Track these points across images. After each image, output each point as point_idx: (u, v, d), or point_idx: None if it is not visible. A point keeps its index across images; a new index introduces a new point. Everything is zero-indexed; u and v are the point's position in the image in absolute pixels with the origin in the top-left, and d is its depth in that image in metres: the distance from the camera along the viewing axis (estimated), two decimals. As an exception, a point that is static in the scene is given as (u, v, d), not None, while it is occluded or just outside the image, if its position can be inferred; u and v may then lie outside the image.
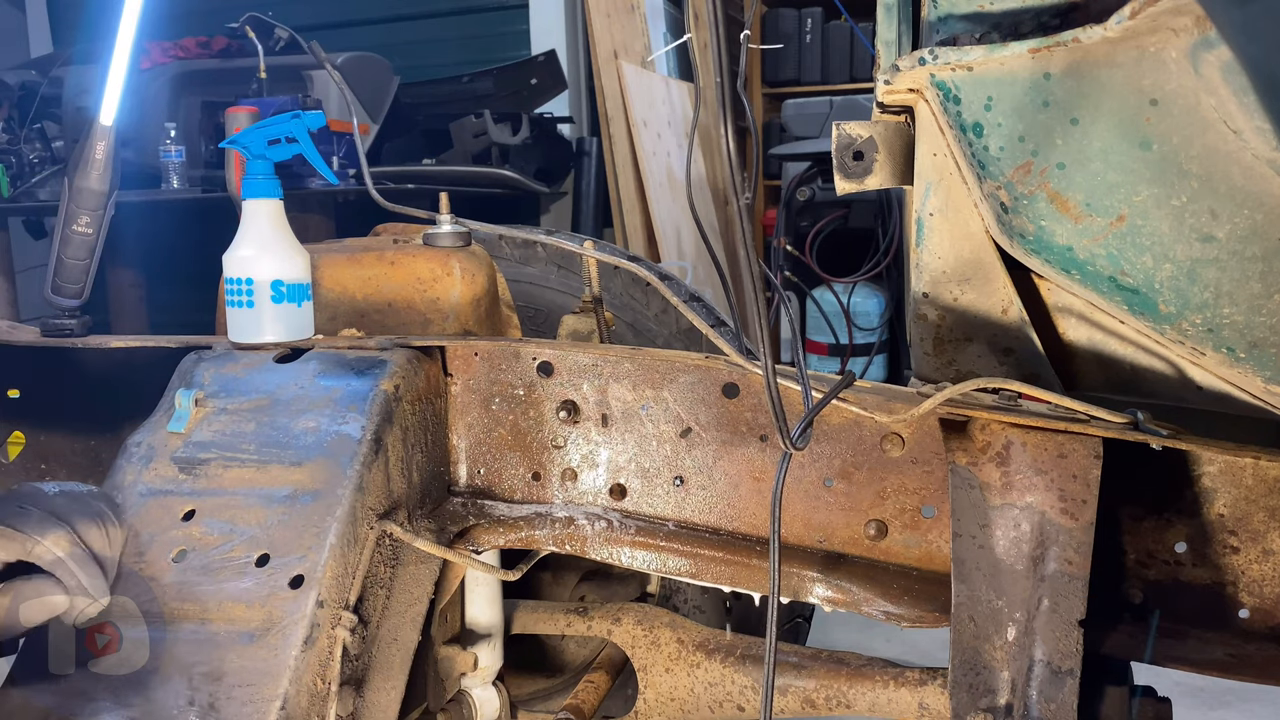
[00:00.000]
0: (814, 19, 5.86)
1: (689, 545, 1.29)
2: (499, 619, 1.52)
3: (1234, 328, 1.06)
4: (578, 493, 1.35)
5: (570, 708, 1.49)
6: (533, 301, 2.06)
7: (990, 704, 1.08)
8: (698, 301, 1.42)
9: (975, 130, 1.09)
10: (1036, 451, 1.09)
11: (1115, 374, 1.21)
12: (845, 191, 1.22)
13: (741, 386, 1.27)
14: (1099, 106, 1.01)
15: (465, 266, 1.51)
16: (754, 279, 0.93)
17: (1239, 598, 1.14)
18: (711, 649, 1.44)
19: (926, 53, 1.07)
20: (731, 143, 0.89)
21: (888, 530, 1.25)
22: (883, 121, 1.22)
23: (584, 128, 5.18)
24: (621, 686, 1.62)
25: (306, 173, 3.45)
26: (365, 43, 4.87)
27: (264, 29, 4.10)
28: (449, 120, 4.50)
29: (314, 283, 1.39)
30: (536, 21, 5.22)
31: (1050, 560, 1.06)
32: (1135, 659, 1.17)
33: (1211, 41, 0.90)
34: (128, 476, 1.19)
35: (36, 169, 4.15)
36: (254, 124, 1.36)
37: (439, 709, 1.41)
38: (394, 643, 1.21)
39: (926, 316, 1.23)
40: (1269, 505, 1.11)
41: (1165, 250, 1.05)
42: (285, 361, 1.29)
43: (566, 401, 1.33)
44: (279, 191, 1.33)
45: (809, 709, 1.36)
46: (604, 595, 1.85)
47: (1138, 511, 1.18)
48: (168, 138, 3.93)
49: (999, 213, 1.12)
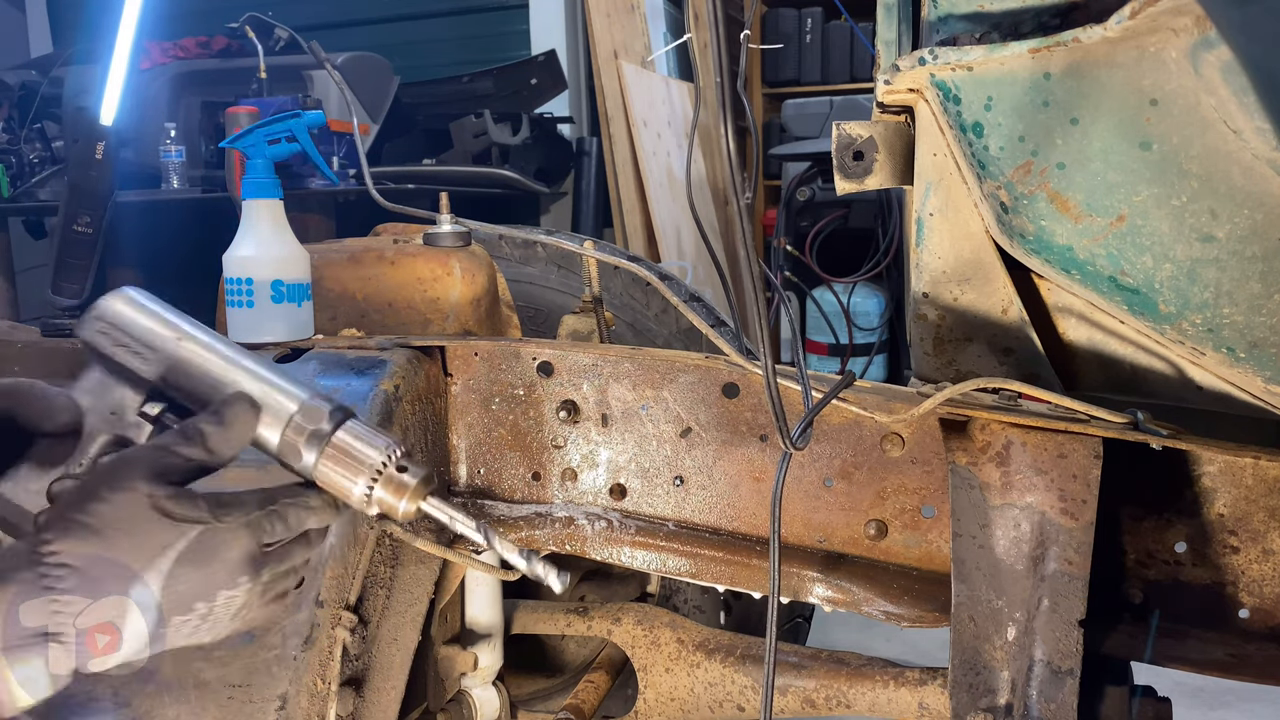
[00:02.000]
0: (814, 19, 5.86)
1: (689, 545, 1.29)
2: (499, 619, 1.52)
3: (1234, 328, 1.06)
4: (578, 493, 1.35)
5: (570, 708, 1.49)
6: (533, 301, 2.06)
7: (990, 704, 1.08)
8: (698, 301, 1.42)
9: (975, 130, 1.09)
10: (1036, 451, 1.09)
11: (1115, 374, 1.21)
12: (845, 191, 1.22)
13: (741, 386, 1.27)
14: (1099, 106, 1.01)
15: (465, 266, 1.51)
16: (754, 279, 0.93)
17: (1239, 598, 1.14)
18: (711, 649, 1.44)
19: (926, 53, 1.07)
20: (731, 143, 0.89)
21: (888, 530, 1.25)
22: (883, 121, 1.22)
23: (584, 128, 5.18)
24: (621, 686, 1.62)
25: (306, 173, 3.44)
26: (365, 43, 4.86)
27: (264, 29, 4.10)
28: (449, 120, 4.50)
29: (314, 283, 1.39)
30: (536, 21, 5.22)
31: (1050, 560, 1.06)
32: (1135, 659, 1.17)
33: (1211, 41, 0.90)
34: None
35: (36, 169, 4.15)
36: (254, 124, 1.36)
37: (439, 709, 1.41)
38: (394, 643, 1.22)
39: (926, 316, 1.23)
40: (1269, 505, 1.11)
41: (1165, 250, 1.05)
42: (285, 361, 1.29)
43: (566, 401, 1.33)
44: (279, 191, 1.33)
45: (809, 709, 1.36)
46: (604, 595, 1.85)
47: (1138, 511, 1.18)
48: (168, 138, 3.92)
49: (999, 213, 1.12)
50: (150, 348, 0.83)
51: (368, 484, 0.82)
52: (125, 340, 0.84)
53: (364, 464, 0.82)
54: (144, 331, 0.84)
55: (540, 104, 4.87)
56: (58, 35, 6.09)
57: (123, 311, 0.85)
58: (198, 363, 0.83)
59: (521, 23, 5.26)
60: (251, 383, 0.83)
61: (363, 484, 0.82)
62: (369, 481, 0.82)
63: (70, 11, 5.92)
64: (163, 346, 0.84)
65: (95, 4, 1.93)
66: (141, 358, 0.83)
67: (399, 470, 0.83)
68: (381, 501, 0.82)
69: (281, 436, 0.82)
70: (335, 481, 0.82)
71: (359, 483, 0.82)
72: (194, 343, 0.84)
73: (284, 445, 0.82)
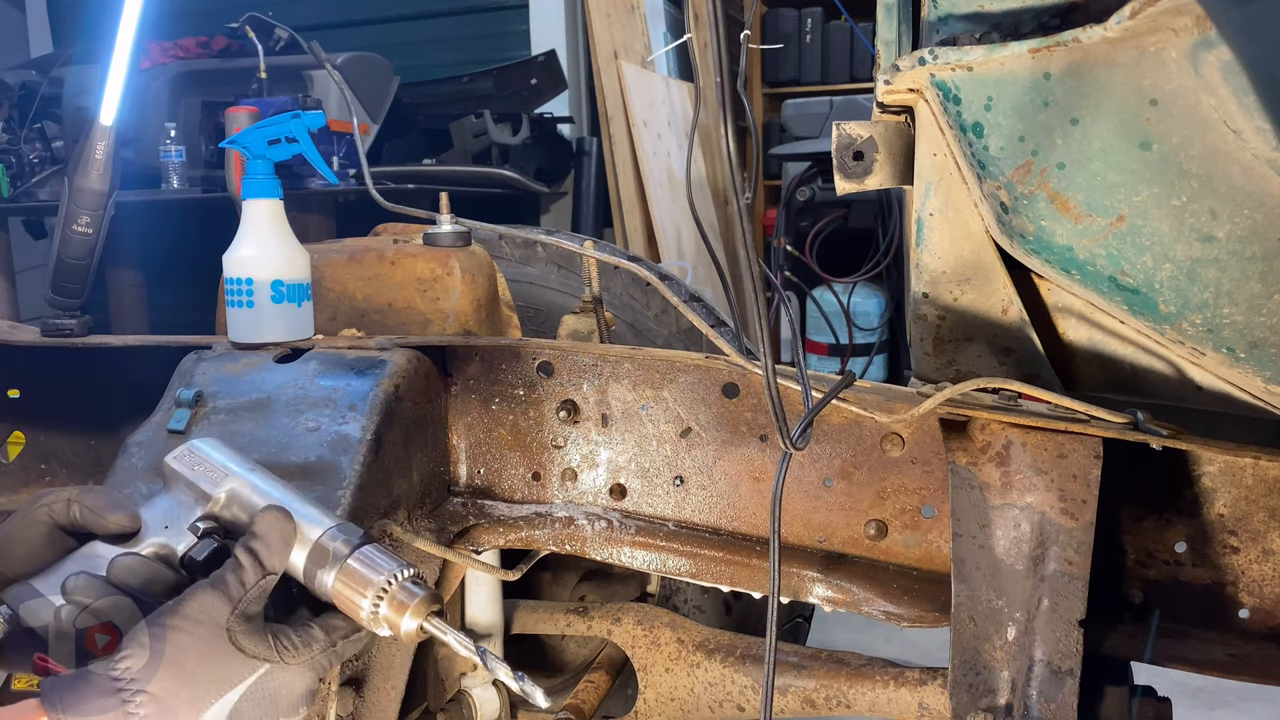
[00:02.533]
0: (814, 19, 5.86)
1: (689, 545, 1.29)
2: (499, 619, 1.52)
3: (1234, 328, 1.06)
4: (578, 493, 1.35)
5: (570, 708, 1.49)
6: (533, 301, 2.06)
7: (990, 704, 1.08)
8: (698, 301, 1.42)
9: (975, 130, 1.09)
10: (1036, 451, 1.09)
11: (1115, 374, 1.21)
12: (845, 191, 1.22)
13: (741, 386, 1.27)
14: (1099, 106, 1.01)
15: (465, 266, 1.51)
16: (754, 279, 0.93)
17: (1239, 598, 1.14)
18: (711, 649, 1.44)
19: (926, 53, 1.07)
20: (731, 143, 0.89)
21: (888, 530, 1.25)
22: (883, 121, 1.22)
23: (584, 128, 5.18)
24: (621, 686, 1.62)
25: (306, 173, 3.45)
26: (365, 43, 4.86)
27: (264, 29, 4.10)
28: (449, 120, 4.51)
29: (314, 283, 1.39)
30: (536, 21, 5.21)
31: (1050, 560, 1.06)
32: (1135, 659, 1.17)
33: (1211, 41, 0.90)
34: (128, 476, 1.19)
35: (36, 169, 4.15)
36: (254, 124, 1.36)
37: (439, 709, 1.41)
38: (394, 642, 1.21)
39: (926, 316, 1.23)
40: (1269, 505, 1.11)
41: (1165, 250, 1.05)
42: (285, 361, 1.29)
43: (566, 401, 1.33)
44: (279, 191, 1.33)
45: (809, 709, 1.36)
46: (604, 595, 1.85)
47: (1138, 511, 1.18)
48: (168, 138, 3.93)
49: (999, 213, 1.12)
50: (220, 472, 0.97)
51: (374, 601, 0.88)
52: (200, 464, 0.97)
53: (372, 583, 0.89)
54: (218, 461, 0.98)
55: (540, 104, 4.87)
56: (58, 35, 6.09)
57: (202, 445, 0.99)
58: (244, 491, 0.95)
59: (521, 23, 5.26)
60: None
61: (369, 601, 0.89)
62: (375, 598, 0.89)
63: (70, 11, 5.92)
64: (233, 471, 0.97)
65: (95, 4, 1.93)
66: (210, 479, 0.96)
67: (404, 590, 0.89)
68: (387, 619, 0.89)
69: (305, 561, 0.91)
70: (347, 599, 0.90)
71: (366, 600, 0.89)
72: (257, 474, 0.97)
73: (307, 569, 0.90)
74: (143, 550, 0.92)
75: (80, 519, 0.92)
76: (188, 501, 0.96)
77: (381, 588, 0.89)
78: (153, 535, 0.94)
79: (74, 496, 0.92)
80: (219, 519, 0.94)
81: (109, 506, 0.93)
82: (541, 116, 4.79)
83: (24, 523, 0.91)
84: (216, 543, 0.92)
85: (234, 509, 0.94)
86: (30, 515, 0.91)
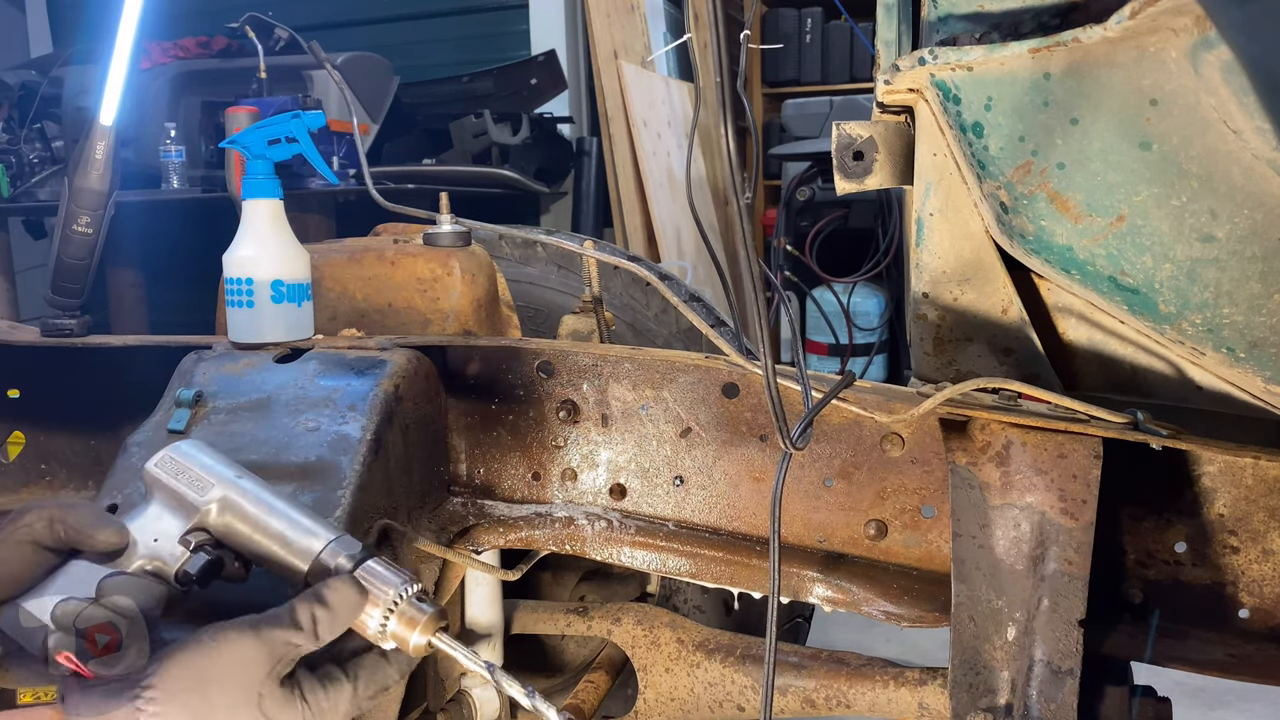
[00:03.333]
0: (814, 19, 5.86)
1: (689, 545, 1.29)
2: (499, 619, 1.52)
3: (1234, 328, 1.06)
4: (578, 493, 1.35)
5: (570, 708, 1.49)
6: (533, 301, 2.06)
7: (990, 704, 1.08)
8: (698, 301, 1.42)
9: (975, 130, 1.09)
10: (1036, 451, 1.09)
11: (1115, 374, 1.21)
12: (845, 191, 1.22)
13: (741, 386, 1.27)
14: (1099, 106, 1.01)
15: (465, 266, 1.51)
16: (754, 279, 0.93)
17: (1239, 598, 1.14)
18: (711, 649, 1.44)
19: (926, 53, 1.07)
20: (731, 143, 0.89)
21: (888, 530, 1.25)
22: (883, 121, 1.22)
23: (584, 128, 5.18)
24: (621, 686, 1.62)
25: (306, 173, 3.44)
26: (365, 43, 4.86)
27: (264, 29, 4.10)
28: (449, 120, 4.50)
29: (314, 283, 1.39)
30: (536, 21, 5.21)
31: (1050, 560, 1.06)
32: (1135, 659, 1.17)
33: (1211, 41, 0.90)
34: (128, 476, 1.19)
35: (36, 169, 4.15)
36: (254, 124, 1.36)
37: (439, 709, 1.41)
38: (394, 643, 1.22)
39: (926, 316, 1.23)
40: (1269, 505, 1.11)
41: (1165, 250, 1.05)
42: (285, 361, 1.29)
43: (566, 401, 1.33)
44: (279, 191, 1.33)
45: (809, 709, 1.36)
46: (604, 595, 1.85)
47: (1138, 511, 1.18)
48: (168, 138, 3.93)
49: (999, 213, 1.12)
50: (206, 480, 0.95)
51: (382, 618, 0.89)
52: (183, 472, 0.95)
53: (379, 601, 0.89)
54: (203, 466, 0.95)
55: (540, 104, 4.87)
56: (58, 35, 6.09)
57: (184, 449, 0.97)
58: (237, 501, 0.93)
59: (521, 23, 5.26)
60: (281, 523, 0.93)
61: (377, 619, 0.89)
62: (384, 616, 0.89)
63: (70, 11, 5.92)
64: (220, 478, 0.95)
65: (95, 4, 1.93)
66: (197, 488, 0.94)
67: (412, 605, 0.89)
68: (396, 635, 0.89)
69: (305, 576, 0.90)
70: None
71: (373, 618, 0.89)
72: (246, 480, 0.95)
73: (308, 584, 0.90)
74: (132, 567, 0.91)
75: (65, 537, 0.89)
76: (175, 511, 0.94)
77: (390, 605, 0.88)
78: (142, 550, 0.92)
79: (56, 515, 0.89)
80: (210, 530, 0.93)
81: (95, 524, 0.90)
82: (541, 116, 4.78)
83: (4, 545, 0.88)
84: (210, 555, 0.91)
85: (226, 519, 0.93)
86: (11, 536, 0.88)
